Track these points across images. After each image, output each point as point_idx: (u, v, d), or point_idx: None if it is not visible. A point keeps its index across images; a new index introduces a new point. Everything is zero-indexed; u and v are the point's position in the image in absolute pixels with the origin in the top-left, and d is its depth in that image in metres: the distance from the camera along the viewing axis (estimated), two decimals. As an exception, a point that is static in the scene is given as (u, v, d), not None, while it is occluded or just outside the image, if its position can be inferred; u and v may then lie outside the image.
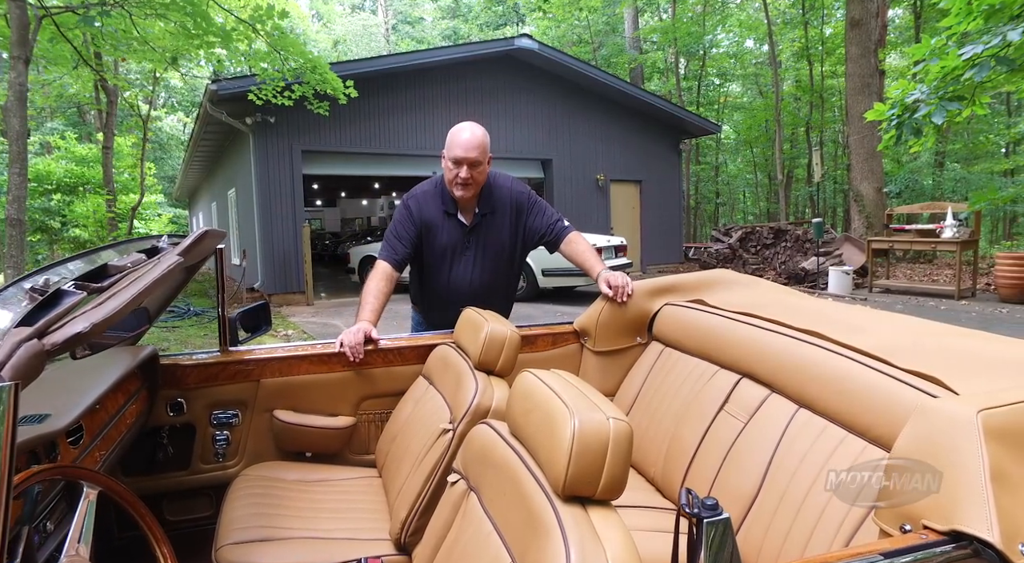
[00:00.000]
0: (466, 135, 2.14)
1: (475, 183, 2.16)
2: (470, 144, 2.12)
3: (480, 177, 2.17)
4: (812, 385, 1.45)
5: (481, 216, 2.26)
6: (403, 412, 1.93)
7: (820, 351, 1.50)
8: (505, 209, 2.28)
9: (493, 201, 2.27)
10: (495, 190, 2.28)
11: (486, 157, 2.17)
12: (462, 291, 2.25)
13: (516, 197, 2.30)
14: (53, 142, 16.15)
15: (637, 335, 2.16)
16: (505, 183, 2.32)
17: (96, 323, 0.75)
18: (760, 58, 22.58)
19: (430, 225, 2.25)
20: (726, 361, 1.77)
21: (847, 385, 1.36)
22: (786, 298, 2.02)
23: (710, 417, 1.70)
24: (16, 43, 3.29)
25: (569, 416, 0.93)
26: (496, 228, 2.27)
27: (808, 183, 18.88)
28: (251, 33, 5.49)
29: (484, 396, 1.54)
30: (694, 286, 2.20)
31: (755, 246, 11.62)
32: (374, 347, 2.01)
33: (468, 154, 2.11)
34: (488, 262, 2.27)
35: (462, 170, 2.12)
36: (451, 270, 2.27)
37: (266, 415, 1.95)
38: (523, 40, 11.16)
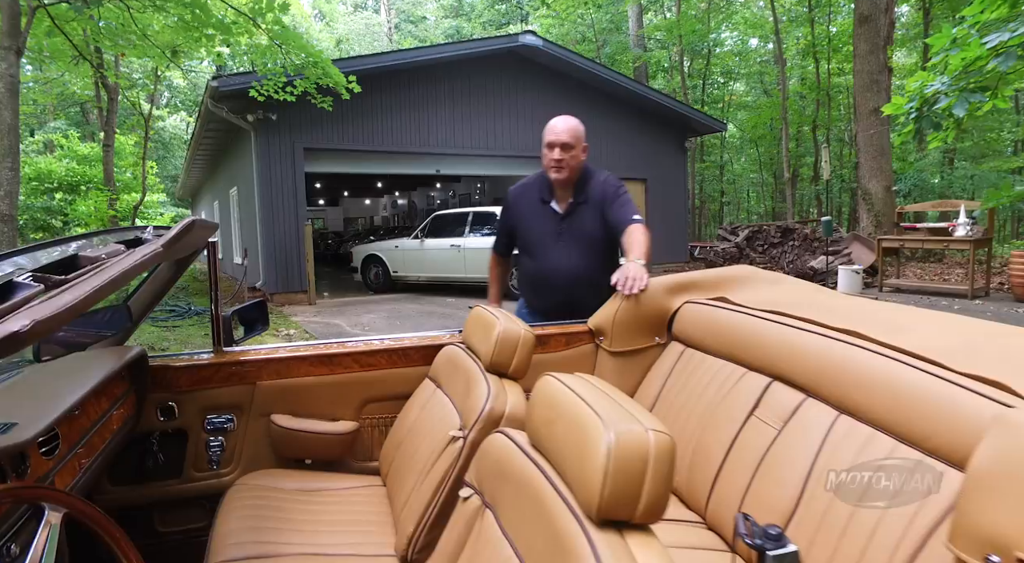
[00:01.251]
0: (559, 121, 2.29)
1: (568, 167, 2.26)
2: (561, 128, 2.26)
3: (573, 161, 2.27)
4: (855, 390, 1.33)
5: (575, 205, 2.34)
6: (408, 417, 1.82)
7: (862, 352, 1.37)
8: (596, 200, 2.34)
9: (587, 191, 2.35)
10: (590, 181, 2.36)
11: (579, 143, 2.28)
12: (557, 277, 2.36)
13: (605, 188, 2.35)
14: (56, 141, 16.08)
15: (656, 335, 2.04)
16: (600, 175, 2.38)
17: (40, 321, 0.63)
18: (765, 56, 22.43)
19: (524, 213, 2.42)
20: (755, 363, 1.65)
21: (897, 390, 1.24)
22: (816, 296, 1.90)
23: (739, 422, 1.58)
24: (7, 33, 3.18)
25: (603, 428, 0.81)
26: (588, 218, 2.34)
27: (814, 182, 18.72)
28: (251, 26, 5.38)
29: (497, 401, 1.42)
30: (715, 283, 2.08)
31: (762, 245, 11.48)
32: None
33: (559, 137, 2.25)
34: (582, 250, 2.35)
35: (554, 152, 2.25)
36: (546, 256, 2.38)
37: (263, 420, 1.83)
38: (527, 37, 11.04)
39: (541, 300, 2.46)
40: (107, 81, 9.22)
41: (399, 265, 10.55)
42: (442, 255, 9.90)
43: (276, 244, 9.33)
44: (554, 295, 2.38)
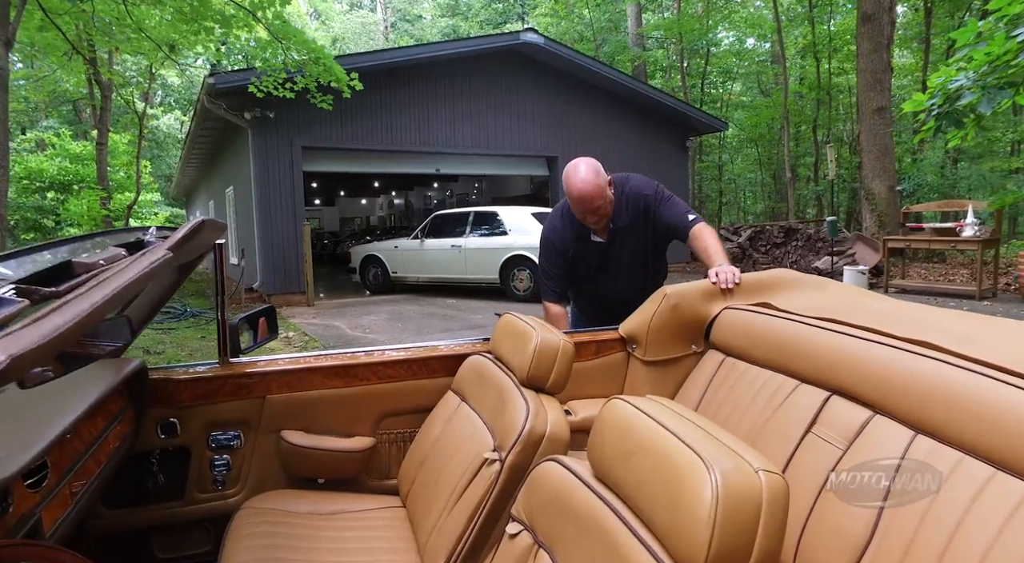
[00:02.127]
0: (579, 187, 2.11)
1: (605, 215, 2.19)
2: (585, 195, 2.11)
3: (607, 209, 2.18)
4: (934, 408, 1.20)
5: (615, 231, 2.28)
6: (431, 433, 1.68)
7: (937, 364, 1.24)
8: (637, 216, 2.27)
9: (625, 213, 2.27)
10: (624, 200, 2.27)
11: (605, 193, 2.15)
12: (614, 299, 2.32)
13: (644, 201, 2.28)
14: (47, 139, 15.84)
15: (692, 342, 1.91)
16: (633, 189, 2.29)
17: (17, 356, 0.49)
18: (763, 56, 22.36)
19: (571, 252, 2.34)
20: (809, 374, 1.52)
21: (988, 409, 1.11)
22: (867, 301, 1.77)
23: (795, 439, 1.45)
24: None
25: (705, 467, 0.68)
26: (632, 237, 2.29)
27: (815, 182, 18.64)
28: (252, 21, 5.22)
29: (537, 420, 1.29)
30: (755, 288, 1.95)
31: (765, 245, 11.38)
32: None
33: (590, 205, 2.12)
34: (632, 269, 2.33)
35: (588, 216, 2.17)
36: (598, 283, 2.35)
37: (272, 436, 1.69)
38: (529, 35, 10.92)
39: (598, 317, 2.41)
40: (100, 78, 9.03)
41: (399, 266, 10.40)
42: (442, 256, 9.75)
43: (274, 244, 9.16)
44: (613, 312, 2.28)
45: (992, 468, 1.08)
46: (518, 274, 9.07)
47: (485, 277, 9.31)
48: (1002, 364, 1.18)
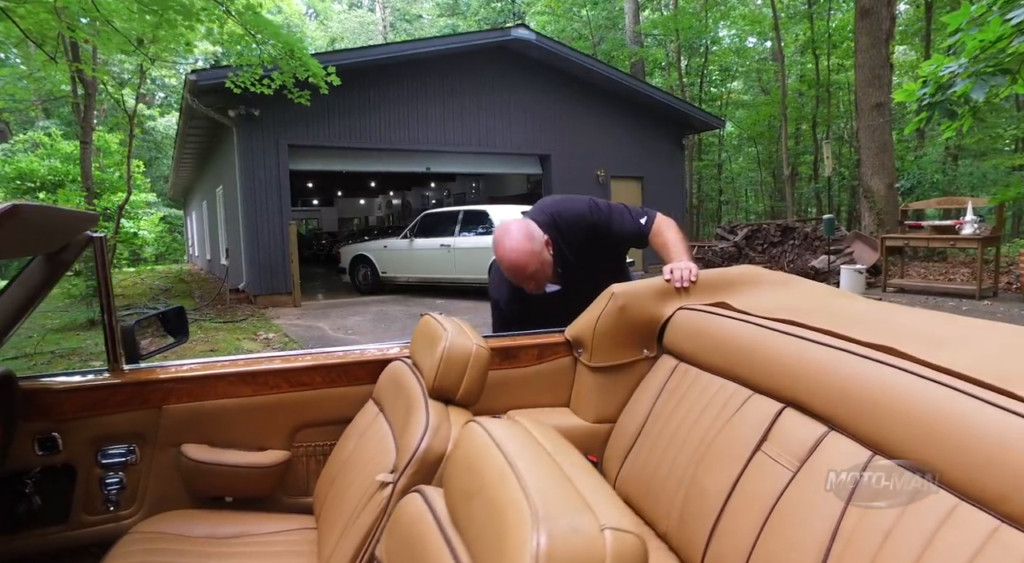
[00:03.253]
0: (510, 257, 1.88)
1: (544, 278, 1.96)
2: (517, 265, 1.87)
3: (546, 272, 1.95)
4: (893, 424, 1.03)
5: (565, 275, 2.08)
6: (346, 446, 1.52)
7: (901, 375, 1.07)
8: (584, 246, 2.06)
9: (569, 253, 2.05)
10: (564, 240, 2.04)
11: (542, 258, 1.91)
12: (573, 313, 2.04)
13: (584, 228, 2.05)
14: (38, 139, 15.75)
15: (644, 346, 1.74)
16: (567, 222, 2.04)
17: None
18: (762, 54, 22.16)
19: (519, 295, 2.09)
20: (762, 383, 1.35)
21: (953, 430, 0.94)
22: (833, 301, 1.60)
23: (743, 458, 1.28)
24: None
25: (531, 525, 0.51)
26: (582, 267, 2.07)
27: (815, 180, 18.43)
28: (222, 13, 5.06)
29: (436, 438, 1.12)
30: (713, 286, 1.77)
31: (762, 244, 11.19)
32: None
33: (523, 273, 1.89)
34: (585, 288, 2.03)
35: (525, 283, 1.95)
36: (555, 309, 2.06)
37: (172, 451, 1.53)
38: (520, 30, 10.75)
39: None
40: (84, 75, 8.89)
41: (388, 266, 10.24)
42: (431, 255, 9.59)
43: (260, 244, 9.02)
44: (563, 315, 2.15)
45: (954, 497, 0.91)
46: (508, 274, 8.89)
47: (474, 277, 9.14)
48: (974, 375, 1.01)
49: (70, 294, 8.38)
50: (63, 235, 1.21)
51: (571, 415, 1.79)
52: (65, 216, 1.09)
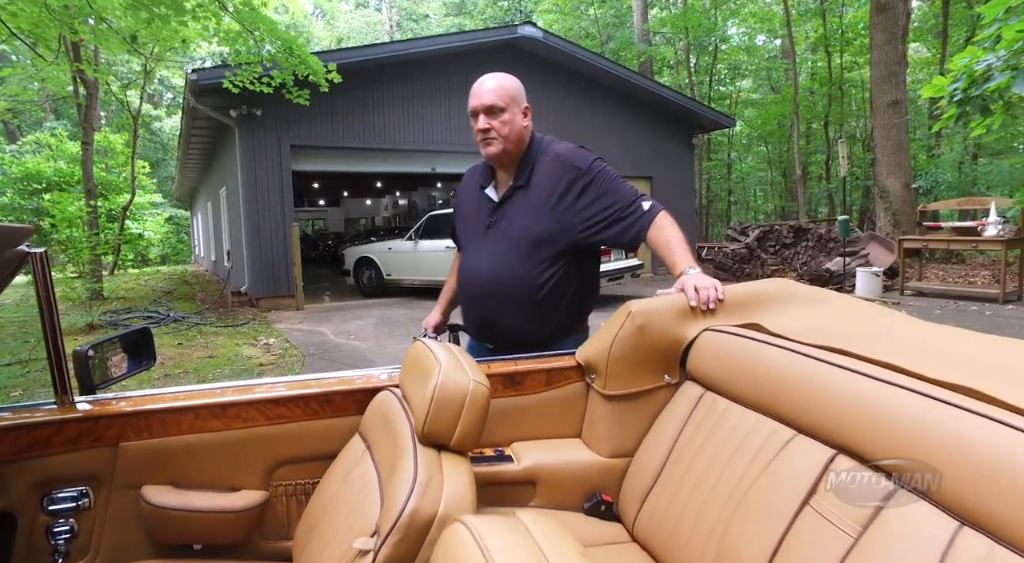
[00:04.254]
0: (482, 81, 1.75)
1: (502, 137, 1.72)
2: (485, 87, 1.72)
3: (506, 129, 1.72)
4: (994, 491, 0.83)
5: (514, 189, 1.78)
6: (329, 488, 1.33)
7: (995, 427, 0.87)
8: (547, 183, 1.74)
9: (535, 171, 1.77)
10: (542, 157, 1.78)
11: (513, 104, 1.73)
12: (472, 285, 1.84)
13: (569, 170, 1.74)
14: (44, 140, 15.71)
15: (665, 371, 1.55)
16: (552, 149, 1.80)
17: None
18: (772, 52, 21.85)
19: (462, 200, 1.97)
20: (807, 423, 1.16)
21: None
22: (886, 323, 1.40)
23: (787, 514, 1.08)
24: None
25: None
26: (529, 206, 1.75)
27: (827, 179, 18.13)
28: (217, 9, 4.91)
29: (424, 499, 0.94)
30: (742, 303, 1.58)
31: (774, 246, 10.94)
32: None
33: (482, 100, 1.71)
34: (508, 251, 1.75)
35: (480, 120, 1.72)
36: (469, 257, 1.87)
37: (131, 493, 1.35)
38: (527, 28, 10.56)
39: (466, 314, 1.92)
40: (85, 76, 8.79)
41: (392, 268, 10.07)
42: (436, 257, 9.41)
43: (261, 246, 8.87)
44: (470, 307, 1.88)
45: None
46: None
47: (481, 280, 8.96)
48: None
49: (68, 298, 8.27)
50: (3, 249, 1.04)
51: (582, 448, 1.60)
52: None
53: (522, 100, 1.76)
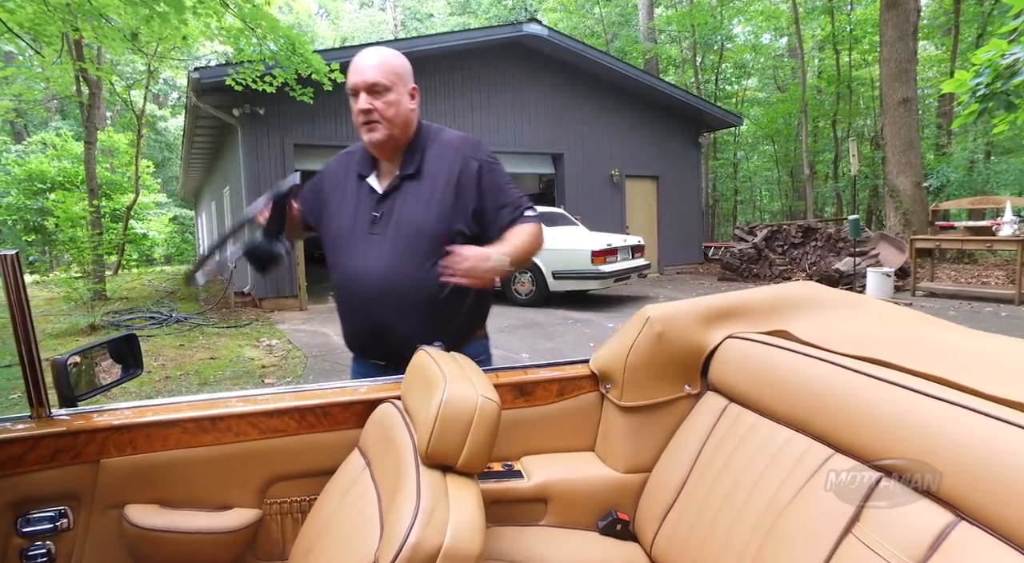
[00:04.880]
0: (365, 55, 1.53)
1: (386, 121, 1.52)
2: (366, 62, 1.51)
3: (391, 112, 1.52)
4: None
5: (401, 179, 1.57)
6: (326, 506, 1.24)
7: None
8: (440, 172, 1.57)
9: (424, 160, 1.59)
10: (432, 145, 1.61)
11: (399, 84, 1.54)
12: (362, 288, 1.56)
13: (467, 160, 1.59)
14: (48, 140, 15.70)
15: (685, 381, 1.45)
16: (444, 136, 1.64)
17: None
18: (779, 51, 21.69)
19: (332, 190, 1.67)
20: (845, 441, 1.06)
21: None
22: (925, 331, 1.29)
23: (827, 543, 0.98)
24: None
25: None
26: (421, 197, 1.55)
27: (835, 179, 17.96)
28: (219, 6, 4.84)
29: (428, 529, 0.84)
30: (768, 308, 1.48)
31: (782, 245, 10.81)
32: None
33: (364, 76, 1.49)
34: (404, 248, 1.53)
35: (360, 100, 1.50)
36: (351, 256, 1.58)
37: (113, 513, 1.26)
38: (532, 26, 10.46)
39: (348, 326, 1.66)
40: (88, 75, 8.74)
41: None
42: (441, 257, 9.32)
43: (265, 246, 8.78)
44: (355, 320, 1.62)
45: None
46: (519, 277, 8.63)
47: (489, 279, 8.87)
48: None
49: (70, 298, 8.22)
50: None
51: (597, 462, 1.50)
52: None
53: (409, 79, 1.58)
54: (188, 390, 4.78)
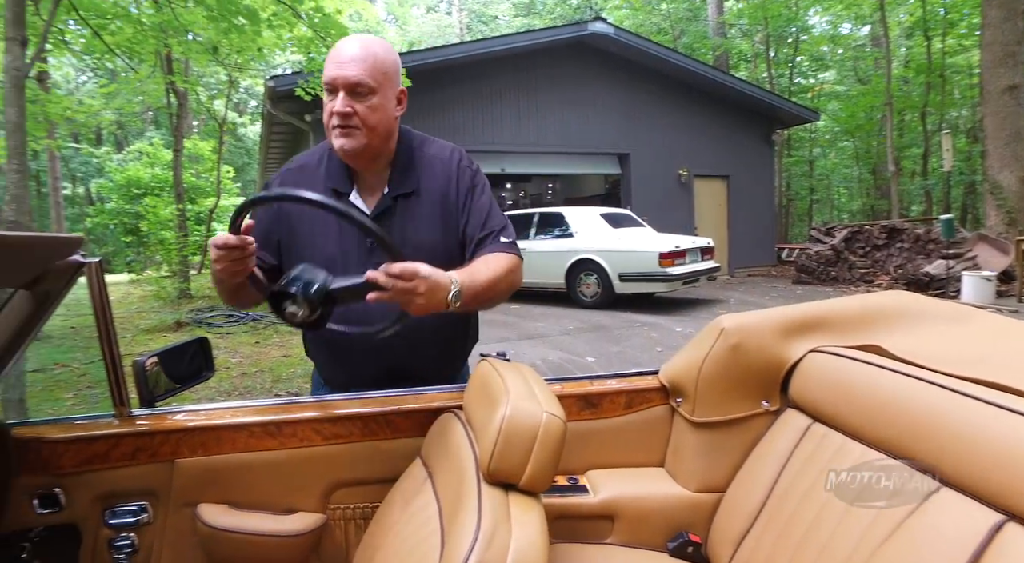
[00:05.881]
0: (349, 45, 1.26)
1: (367, 129, 1.25)
2: (350, 53, 1.23)
3: (373, 117, 1.25)
4: None
5: (394, 198, 1.35)
6: (389, 515, 1.23)
7: None
8: (435, 187, 1.37)
9: (417, 172, 1.37)
10: (422, 156, 1.39)
11: (386, 85, 1.26)
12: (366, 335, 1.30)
13: (459, 172, 1.39)
14: (143, 148, 16.87)
15: (764, 397, 1.35)
16: (441, 151, 1.42)
17: None
18: (860, 40, 20.50)
19: (296, 214, 1.35)
20: (955, 475, 0.94)
21: None
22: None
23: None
24: (11, 22, 2.90)
25: None
26: (423, 216, 1.36)
27: (924, 175, 16.79)
28: (292, 17, 5.04)
29: (489, 554, 0.80)
30: (858, 320, 1.36)
31: (863, 247, 10.19)
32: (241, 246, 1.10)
33: (345, 71, 1.22)
34: None
35: (338, 100, 1.23)
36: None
37: (187, 511, 1.30)
38: (597, 24, 10.33)
39: (345, 369, 1.45)
40: (176, 87, 9.33)
41: (461, 269, 10.09)
42: (506, 259, 9.34)
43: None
44: (371, 360, 1.40)
45: None
46: (585, 279, 8.54)
47: (550, 282, 8.83)
48: None
49: (159, 296, 8.77)
50: (29, 265, 1.00)
51: (667, 479, 1.42)
52: (26, 243, 0.88)
53: (398, 80, 1.31)
54: (262, 386, 4.99)
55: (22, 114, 2.86)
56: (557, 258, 8.68)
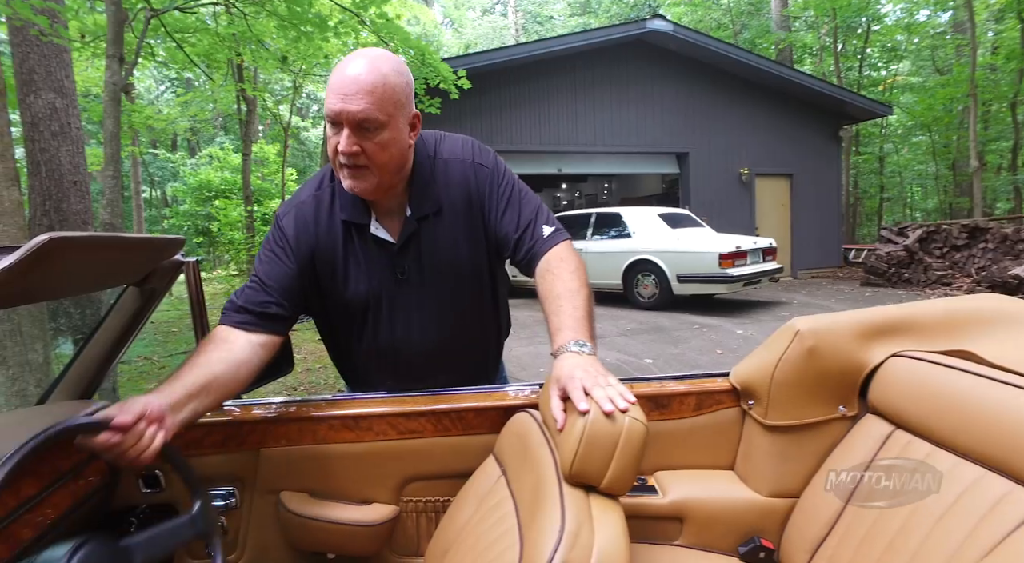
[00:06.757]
0: (353, 69, 1.09)
1: (377, 167, 1.15)
2: (356, 84, 1.07)
3: (383, 155, 1.14)
4: None
5: (418, 220, 1.27)
6: (463, 511, 1.26)
7: None
8: (461, 194, 1.29)
9: (438, 186, 1.27)
10: (438, 163, 1.29)
11: (397, 114, 1.13)
12: (413, 359, 1.35)
13: (478, 171, 1.30)
14: (214, 153, 17.76)
15: (840, 402, 1.32)
16: (455, 148, 1.32)
17: None
18: (939, 27, 19.34)
19: (327, 256, 1.27)
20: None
21: None
22: None
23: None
24: (112, 41, 3.14)
25: None
26: (447, 234, 1.29)
27: (1013, 170, 15.69)
28: (356, 23, 5.22)
29: (575, 553, 0.82)
30: (945, 324, 1.30)
31: (940, 247, 9.64)
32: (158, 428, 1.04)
33: (348, 106, 1.07)
34: (448, 297, 1.32)
35: (343, 138, 1.10)
36: (382, 327, 1.32)
37: (271, 498, 1.38)
38: (656, 22, 10.18)
39: (383, 385, 1.45)
40: (246, 94, 9.79)
41: (515, 269, 10.15)
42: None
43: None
44: (404, 380, 1.42)
45: None
46: (642, 280, 8.43)
47: (607, 283, 8.77)
48: None
49: (228, 294, 9.21)
50: (140, 264, 1.08)
51: (737, 483, 1.40)
52: (136, 244, 0.95)
53: (411, 105, 1.17)
54: (326, 382, 5.17)
55: (118, 124, 3.09)
56: (614, 259, 8.61)
